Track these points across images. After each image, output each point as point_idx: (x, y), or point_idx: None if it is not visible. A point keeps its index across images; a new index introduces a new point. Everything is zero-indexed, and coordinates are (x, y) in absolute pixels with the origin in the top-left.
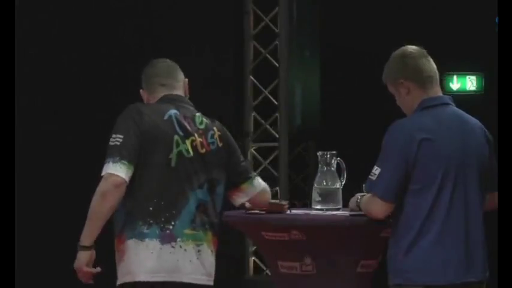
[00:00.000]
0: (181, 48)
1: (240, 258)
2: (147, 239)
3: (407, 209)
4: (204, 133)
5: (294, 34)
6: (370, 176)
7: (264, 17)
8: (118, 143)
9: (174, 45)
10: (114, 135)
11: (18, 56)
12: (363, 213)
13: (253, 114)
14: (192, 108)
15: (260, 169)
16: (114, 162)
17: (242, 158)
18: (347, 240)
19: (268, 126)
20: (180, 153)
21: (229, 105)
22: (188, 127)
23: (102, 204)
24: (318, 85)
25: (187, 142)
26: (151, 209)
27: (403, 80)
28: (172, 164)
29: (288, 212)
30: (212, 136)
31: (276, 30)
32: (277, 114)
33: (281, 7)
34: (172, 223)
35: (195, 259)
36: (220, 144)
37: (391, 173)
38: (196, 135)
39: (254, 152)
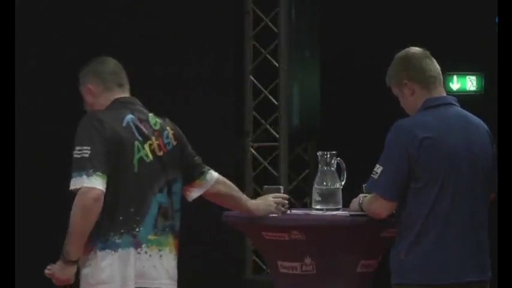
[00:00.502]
0: (181, 48)
1: (239, 258)
2: (119, 249)
3: (409, 208)
4: (159, 134)
5: (294, 34)
6: (372, 175)
7: (264, 17)
8: (87, 155)
9: (174, 45)
10: (79, 147)
11: (18, 56)
12: (363, 213)
13: (253, 114)
14: (144, 110)
15: (260, 169)
16: (88, 175)
17: (194, 153)
18: (347, 240)
19: (268, 126)
20: (140, 159)
21: (229, 105)
22: (145, 130)
23: (84, 221)
24: (318, 85)
25: (146, 147)
26: (121, 218)
27: (407, 81)
28: (135, 170)
29: (288, 212)
30: (167, 136)
31: (276, 30)
32: (277, 114)
33: (281, 7)
34: (137, 229)
35: (158, 264)
36: (174, 143)
37: (393, 172)
38: (153, 138)
39: (254, 151)
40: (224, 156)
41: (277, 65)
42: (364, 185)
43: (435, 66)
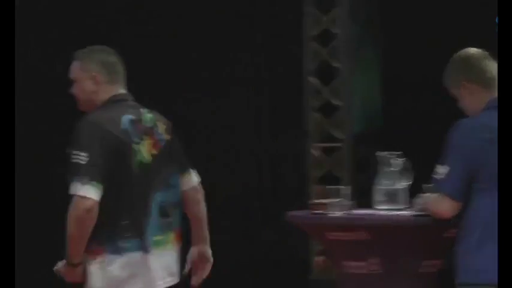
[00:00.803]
0: (242, 47)
1: (305, 258)
2: (127, 253)
3: (473, 208)
4: (152, 132)
5: (355, 34)
6: (436, 176)
7: (324, 18)
8: (83, 162)
9: (232, 45)
10: (76, 152)
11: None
12: (425, 213)
13: (314, 114)
14: (138, 106)
15: (323, 170)
16: (83, 183)
17: (182, 149)
18: (412, 240)
19: (330, 127)
20: (139, 161)
21: (290, 105)
22: (140, 130)
23: (79, 230)
24: (380, 85)
25: (142, 148)
26: (126, 222)
27: (465, 82)
28: (135, 173)
29: (353, 211)
30: (159, 132)
31: (336, 31)
32: (339, 115)
33: (341, 7)
34: (144, 232)
35: (163, 263)
36: (167, 137)
37: (458, 172)
38: (147, 137)
39: (316, 153)
40: (288, 158)
41: (338, 65)
42: (423, 185)
43: (494, 66)
